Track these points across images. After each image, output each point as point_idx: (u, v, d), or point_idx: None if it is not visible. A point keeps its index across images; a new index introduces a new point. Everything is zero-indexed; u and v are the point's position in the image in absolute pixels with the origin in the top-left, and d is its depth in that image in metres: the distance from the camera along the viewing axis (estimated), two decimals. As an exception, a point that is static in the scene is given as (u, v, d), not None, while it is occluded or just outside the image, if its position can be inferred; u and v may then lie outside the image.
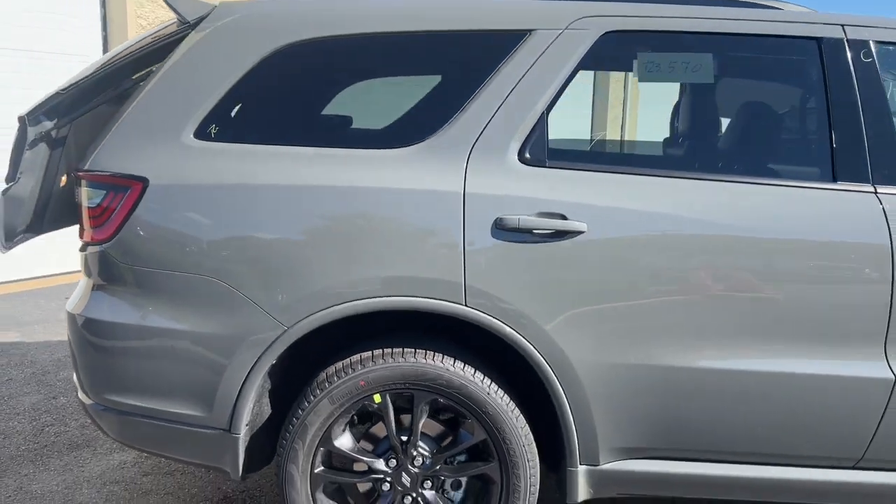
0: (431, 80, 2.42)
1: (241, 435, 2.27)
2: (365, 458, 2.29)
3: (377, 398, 2.24)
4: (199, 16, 2.38)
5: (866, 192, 2.20)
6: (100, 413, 2.41)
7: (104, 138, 2.33)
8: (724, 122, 2.61)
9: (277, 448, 2.31)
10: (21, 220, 2.52)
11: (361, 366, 2.23)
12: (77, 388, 2.48)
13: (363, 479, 2.31)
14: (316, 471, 2.28)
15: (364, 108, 2.55)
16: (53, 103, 2.43)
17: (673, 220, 2.18)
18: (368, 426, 2.35)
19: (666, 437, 2.28)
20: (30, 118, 2.41)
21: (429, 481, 2.30)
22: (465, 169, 2.21)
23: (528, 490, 2.27)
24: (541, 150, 2.24)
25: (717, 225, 2.18)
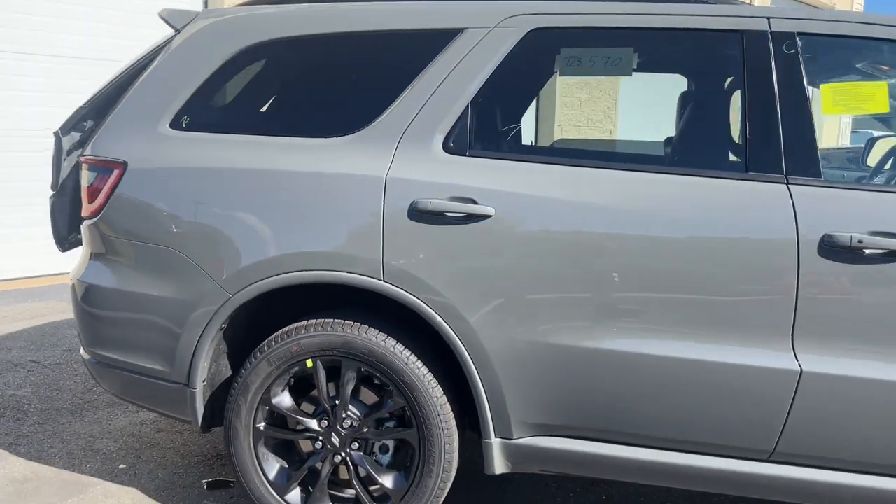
0: (375, 75, 2.63)
1: (197, 389, 2.57)
2: (299, 417, 2.52)
3: (309, 363, 2.47)
4: (184, 24, 2.72)
5: (778, 184, 2.21)
6: (93, 366, 2.78)
7: (100, 129, 2.72)
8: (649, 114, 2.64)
9: (226, 404, 2.59)
10: (67, 225, 2.94)
11: (296, 333, 2.47)
12: (79, 344, 2.87)
13: (297, 437, 2.55)
14: (258, 426, 2.54)
15: (315, 100, 2.79)
16: (80, 115, 2.85)
17: (579, 207, 2.27)
18: (311, 390, 2.58)
19: (574, 416, 2.37)
20: (62, 131, 2.84)
21: (357, 443, 2.50)
22: (393, 156, 2.40)
23: (442, 457, 2.42)
24: (463, 140, 2.40)
25: (623, 213, 2.26)
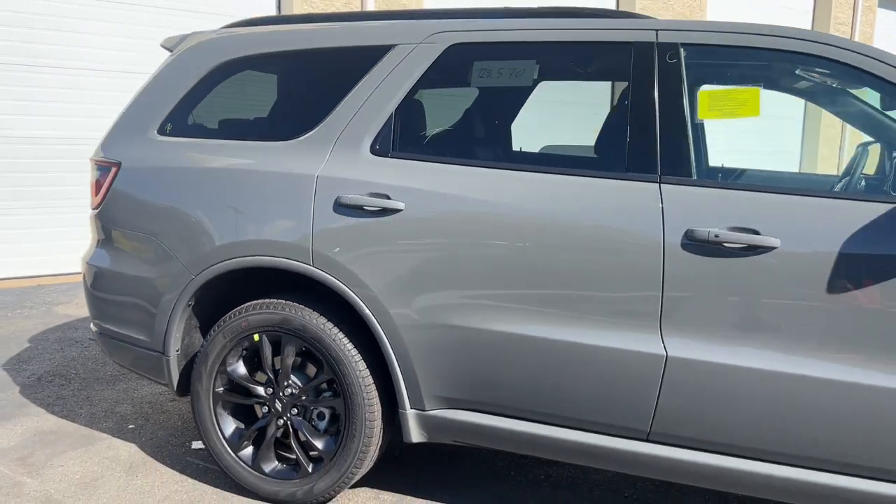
0: (320, 86, 2.98)
1: (171, 357, 3.00)
2: (248, 384, 2.90)
3: (256, 337, 2.85)
4: (175, 46, 3.19)
5: (651, 183, 2.39)
6: (98, 336, 3.28)
7: (105, 135, 3.21)
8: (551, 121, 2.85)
9: (192, 371, 3.00)
10: None
11: (246, 311, 2.85)
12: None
13: (248, 401, 2.93)
14: (217, 390, 2.93)
15: (271, 109, 3.17)
16: None
17: (476, 203, 2.54)
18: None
19: (476, 391, 2.62)
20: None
21: (296, 409, 2.86)
22: (326, 158, 2.75)
23: (363, 423, 2.73)
24: (387, 144, 2.72)
25: (513, 209, 2.50)
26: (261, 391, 2.89)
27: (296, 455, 2.87)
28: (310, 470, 2.84)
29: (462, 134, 2.81)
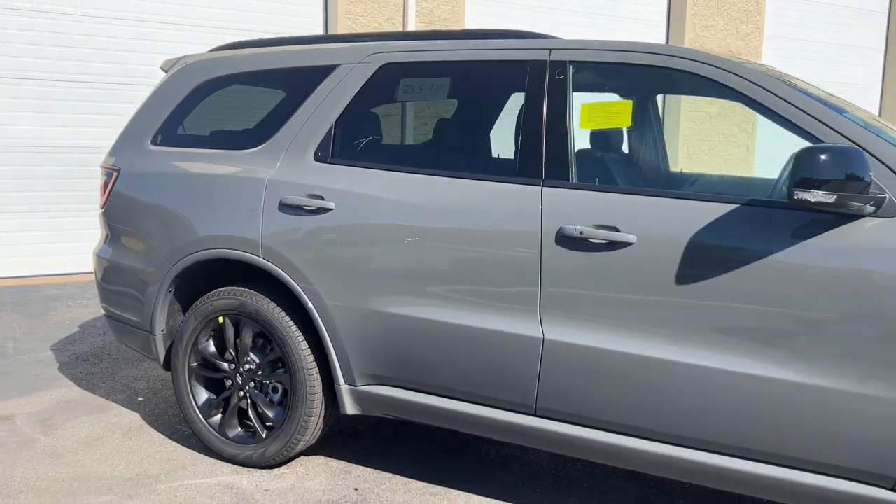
0: (279, 101, 3.40)
1: (157, 336, 3.48)
2: (215, 361, 3.35)
3: (220, 320, 3.30)
4: (170, 68, 3.69)
5: (535, 186, 2.69)
6: (105, 318, 3.81)
7: (112, 144, 3.74)
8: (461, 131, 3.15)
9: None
10: None
11: (212, 297, 3.30)
12: (103, 302, 3.92)
13: (216, 375, 3.37)
14: (191, 365, 3.39)
15: (241, 121, 3.61)
16: None
17: (395, 203, 2.90)
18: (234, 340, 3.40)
19: (395, 369, 2.97)
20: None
21: (253, 383, 3.28)
22: (278, 164, 3.17)
23: (305, 396, 3.12)
24: (327, 151, 3.11)
25: (425, 208, 2.85)
26: (225, 367, 3.33)
27: (253, 423, 3.30)
28: (263, 436, 3.26)
29: (388, 142, 3.17)
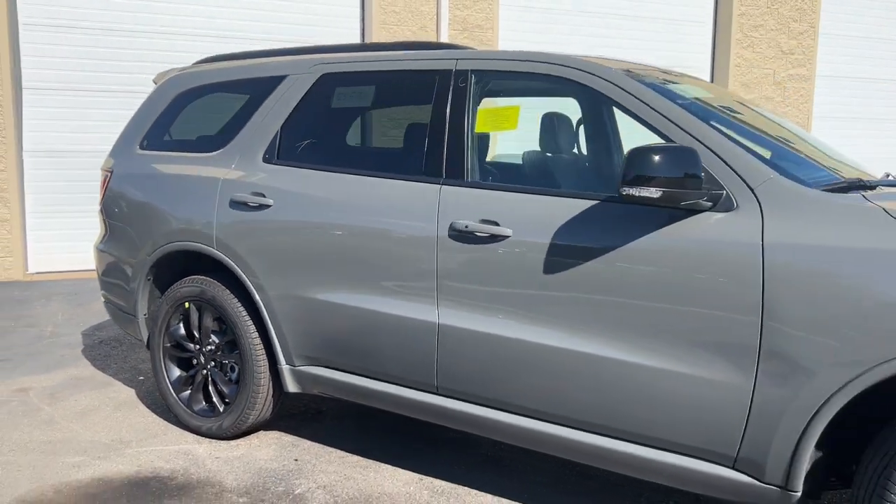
0: (241, 107, 3.75)
1: (140, 319, 3.90)
2: (183, 342, 3.74)
3: (187, 305, 3.68)
4: (159, 80, 4.12)
5: (435, 185, 2.94)
6: (104, 305, 4.27)
7: (111, 148, 4.20)
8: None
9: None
10: None
11: (180, 285, 3.69)
12: (105, 290, 4.39)
13: (185, 355, 3.76)
14: (165, 345, 3.80)
15: (210, 126, 3.97)
16: None
17: (320, 200, 3.21)
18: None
19: (324, 350, 3.28)
20: None
21: (214, 362, 3.65)
22: (232, 165, 3.54)
23: (253, 374, 3.47)
24: (273, 153, 3.45)
25: (347, 205, 3.14)
26: (192, 347, 3.72)
27: (213, 398, 3.67)
28: (221, 410, 3.62)
29: (322, 144, 3.48)
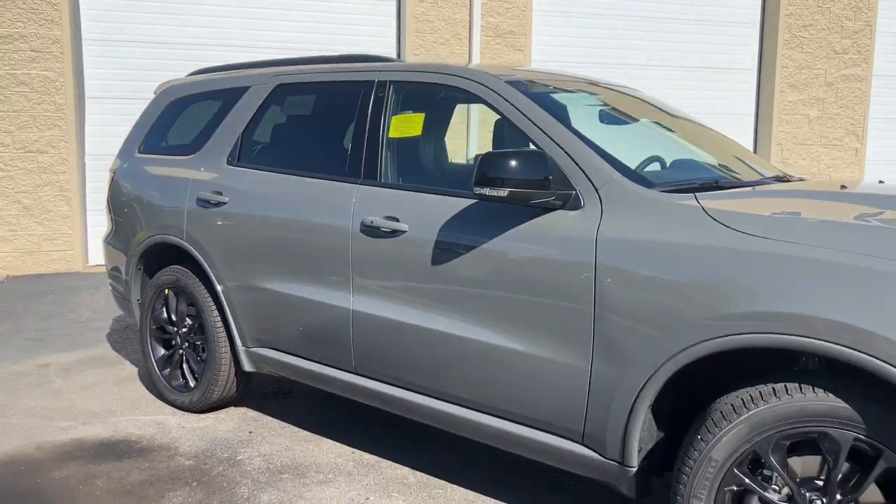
0: (215, 115, 4.17)
1: (133, 303, 4.39)
2: (164, 324, 4.19)
3: (166, 291, 4.14)
4: (158, 90, 4.61)
5: (354, 185, 3.26)
6: (111, 292, 4.79)
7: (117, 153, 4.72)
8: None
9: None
10: None
11: (161, 274, 4.15)
12: (115, 278, 4.92)
13: (165, 336, 4.21)
14: (151, 327, 4.26)
15: (191, 132, 4.40)
16: None
17: (264, 198, 3.59)
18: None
19: (271, 334, 3.65)
20: None
21: (187, 343, 4.09)
22: (203, 167, 3.96)
23: (215, 354, 3.87)
24: (235, 157, 3.86)
25: (285, 202, 3.50)
26: (171, 329, 4.17)
27: (187, 375, 4.11)
28: (192, 386, 4.06)
29: (272, 147, 3.86)
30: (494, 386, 2.81)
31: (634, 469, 2.50)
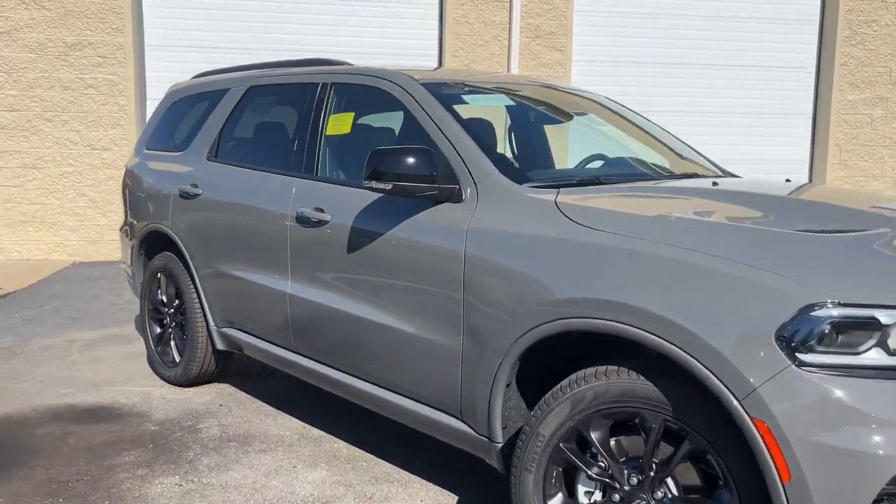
0: (202, 115, 4.54)
1: (136, 282, 4.84)
2: (158, 306, 4.60)
3: (159, 275, 4.55)
4: (167, 91, 5.06)
5: (295, 178, 3.55)
6: (123, 271, 5.27)
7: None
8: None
9: (141, 295, 4.81)
10: None
11: (154, 259, 4.57)
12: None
13: (159, 315, 4.63)
14: (148, 308, 4.69)
15: (185, 131, 4.78)
16: None
17: (229, 189, 3.93)
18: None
19: (234, 315, 3.99)
20: None
21: (175, 322, 4.49)
22: (188, 162, 4.35)
23: (194, 333, 4.25)
24: (213, 153, 4.22)
25: (244, 194, 3.83)
26: (164, 310, 4.58)
27: (174, 352, 4.51)
28: (177, 361, 4.45)
29: (241, 144, 4.19)
30: (395, 366, 3.03)
31: (500, 444, 2.67)
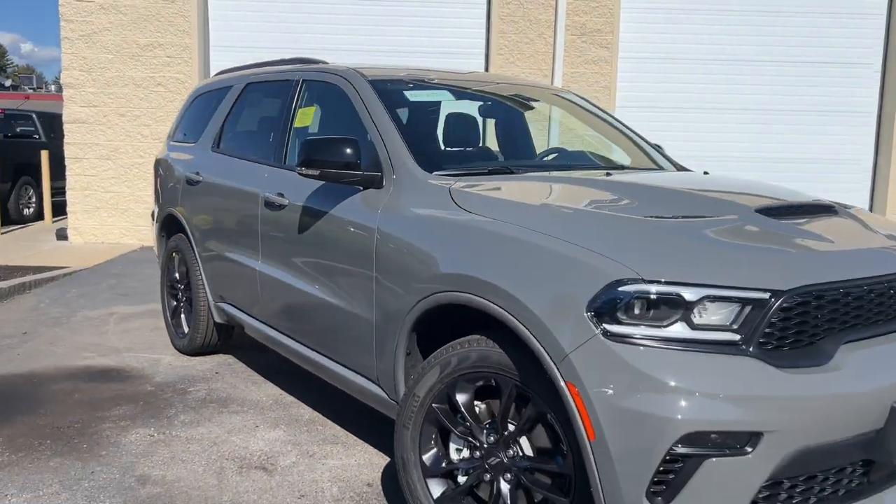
0: (211, 110, 4.97)
1: (160, 261, 5.35)
2: (174, 283, 5.08)
3: (174, 255, 5.03)
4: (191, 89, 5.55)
5: (266, 166, 3.91)
6: (155, 252, 5.80)
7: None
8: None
9: (163, 272, 5.31)
10: None
11: (171, 240, 5.05)
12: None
13: (174, 291, 5.10)
14: (167, 284, 5.18)
15: (198, 124, 5.21)
16: None
17: (223, 177, 4.34)
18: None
19: (227, 291, 4.40)
20: None
21: (185, 297, 4.96)
22: (196, 153, 4.80)
23: (198, 305, 4.69)
24: (217, 144, 4.65)
25: (232, 182, 4.23)
26: (179, 286, 5.07)
27: (183, 324, 4.98)
28: (186, 332, 4.92)
29: (237, 136, 4.59)
30: (331, 335, 3.35)
31: (405, 409, 2.94)
